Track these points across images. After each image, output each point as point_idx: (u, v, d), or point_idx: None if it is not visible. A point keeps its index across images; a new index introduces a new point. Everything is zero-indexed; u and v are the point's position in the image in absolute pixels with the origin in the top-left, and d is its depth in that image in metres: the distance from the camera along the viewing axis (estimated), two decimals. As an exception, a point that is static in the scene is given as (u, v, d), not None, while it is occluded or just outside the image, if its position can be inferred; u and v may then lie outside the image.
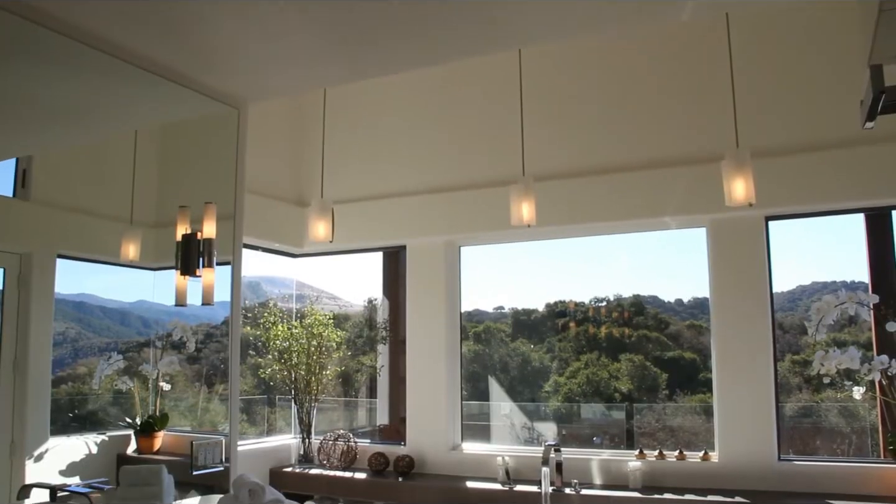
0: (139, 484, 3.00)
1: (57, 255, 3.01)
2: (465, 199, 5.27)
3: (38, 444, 2.87)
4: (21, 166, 2.85)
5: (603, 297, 5.68)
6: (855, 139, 4.22)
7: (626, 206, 4.80)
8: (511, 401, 5.79)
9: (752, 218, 4.48)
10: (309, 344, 5.60)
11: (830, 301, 4.21)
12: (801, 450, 4.69)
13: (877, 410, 4.34)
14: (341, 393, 6.22)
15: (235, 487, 2.97)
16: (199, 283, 3.41)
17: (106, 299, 3.33)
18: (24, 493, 2.74)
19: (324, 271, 6.32)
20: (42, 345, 2.92)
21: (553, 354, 5.81)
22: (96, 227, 3.24)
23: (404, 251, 5.66)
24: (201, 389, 3.82)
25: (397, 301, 5.88)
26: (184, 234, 3.37)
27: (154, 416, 3.43)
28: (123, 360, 3.34)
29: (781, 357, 4.59)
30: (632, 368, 5.52)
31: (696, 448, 4.69)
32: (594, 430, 5.47)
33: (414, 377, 5.46)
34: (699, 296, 5.39)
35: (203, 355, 3.82)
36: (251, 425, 5.87)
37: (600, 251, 5.60)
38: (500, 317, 6.05)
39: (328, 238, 4.60)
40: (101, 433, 3.23)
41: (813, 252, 4.91)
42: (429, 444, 5.31)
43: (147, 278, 3.46)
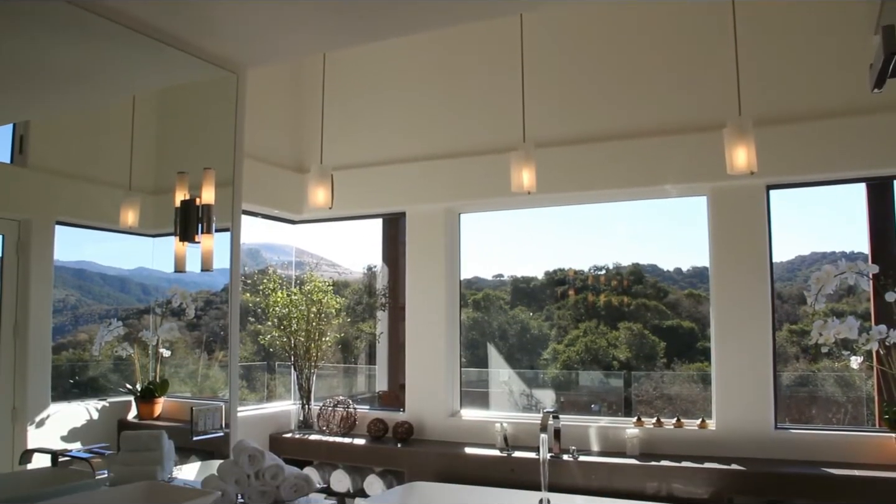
0: (140, 449, 3.01)
1: (56, 222, 2.99)
2: (465, 166, 5.25)
3: (40, 410, 2.89)
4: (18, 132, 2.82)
5: (602, 266, 5.69)
6: (858, 108, 4.20)
7: (627, 174, 4.78)
8: (510, 368, 5.82)
9: (754, 187, 4.47)
10: (308, 311, 5.61)
11: (830, 271, 4.21)
12: (797, 418, 4.72)
13: (873, 380, 4.36)
14: (341, 359, 6.25)
15: (235, 453, 2.99)
16: (198, 250, 3.40)
17: (105, 266, 3.32)
18: (26, 457, 2.75)
19: (323, 238, 6.31)
20: (42, 311, 2.92)
21: (552, 322, 5.82)
22: (95, 194, 3.22)
23: (404, 218, 5.65)
24: (201, 356, 3.83)
25: (397, 268, 5.88)
26: (182, 200, 3.36)
27: (154, 383, 3.44)
28: (123, 327, 3.34)
29: (779, 327, 4.61)
30: (630, 337, 5.54)
31: (694, 416, 4.72)
32: (592, 398, 5.50)
33: (413, 344, 5.48)
34: (698, 265, 5.40)
35: (203, 322, 3.82)
36: (251, 392, 5.90)
37: (600, 219, 5.60)
38: (500, 284, 6.06)
39: (327, 204, 4.59)
40: (102, 399, 3.24)
41: (812, 223, 4.90)
42: (428, 411, 5.34)
43: (146, 245, 3.45)
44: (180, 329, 3.65)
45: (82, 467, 2.83)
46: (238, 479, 2.91)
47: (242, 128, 3.65)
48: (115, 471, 2.91)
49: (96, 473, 2.83)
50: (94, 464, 2.82)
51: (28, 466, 2.75)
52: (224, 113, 3.60)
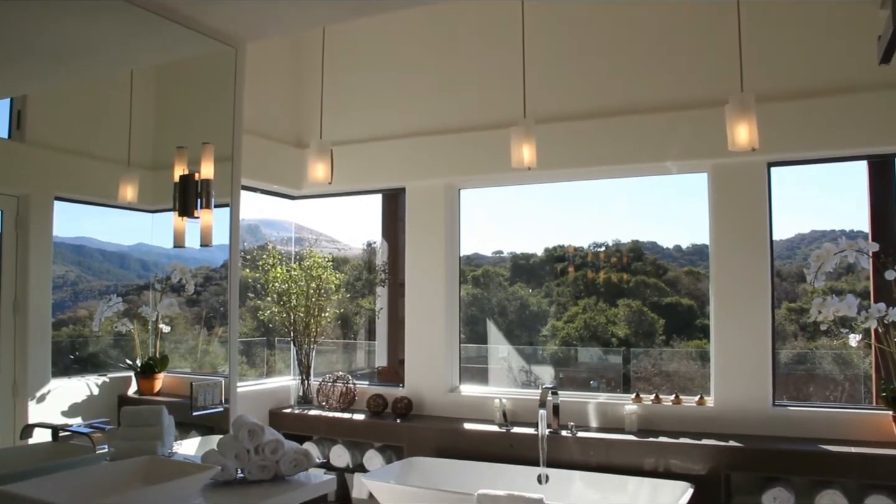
0: (140, 424, 3.02)
1: (54, 198, 2.98)
2: (466, 142, 5.23)
3: (40, 386, 2.89)
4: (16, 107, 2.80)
5: (602, 243, 5.68)
6: (861, 85, 4.18)
7: (628, 150, 4.76)
8: (509, 344, 5.83)
9: (755, 163, 4.45)
10: (308, 286, 5.61)
11: (830, 249, 4.21)
12: (795, 396, 4.74)
13: (871, 358, 4.37)
14: (340, 335, 6.26)
15: (235, 428, 2.99)
16: (198, 225, 3.39)
17: (105, 242, 3.31)
18: (27, 432, 2.76)
19: (322, 214, 6.30)
20: (42, 287, 2.91)
21: (551, 299, 5.83)
22: (93, 169, 3.20)
23: (403, 194, 5.64)
24: (201, 332, 3.83)
25: (396, 244, 5.87)
26: (181, 175, 3.34)
27: (154, 358, 3.44)
28: (123, 303, 3.34)
29: (778, 304, 4.61)
30: (629, 314, 5.54)
31: (692, 393, 4.74)
32: (591, 374, 5.52)
33: (413, 320, 5.49)
34: (698, 242, 5.39)
35: (202, 298, 3.82)
36: (251, 367, 5.91)
37: (600, 196, 5.58)
38: (499, 261, 6.05)
39: (327, 180, 4.57)
40: (102, 375, 3.24)
41: (812, 201, 4.89)
42: (427, 387, 5.36)
43: (145, 221, 3.44)
44: (180, 305, 3.65)
45: (83, 442, 2.84)
46: (238, 454, 2.91)
47: (241, 102, 3.62)
48: (116, 446, 2.92)
49: (97, 448, 2.84)
50: (94, 439, 2.83)
51: (29, 441, 2.76)
52: (223, 88, 3.58)
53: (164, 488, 2.46)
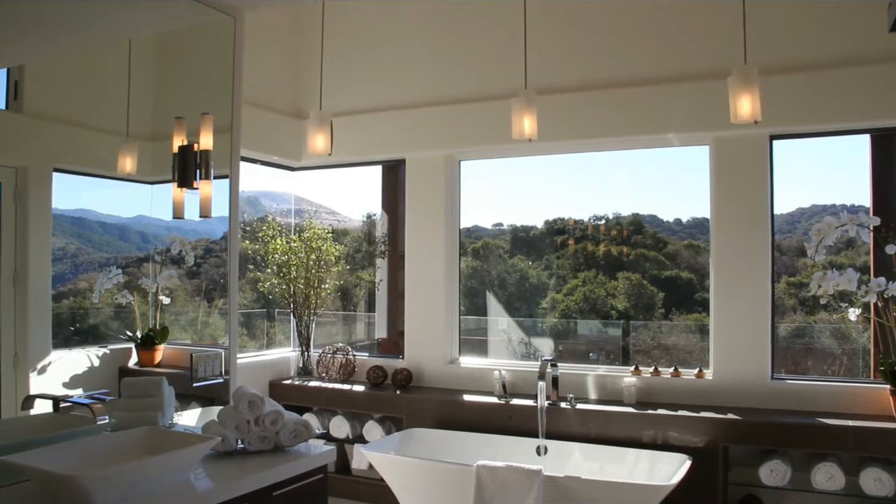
0: (140, 395, 3.03)
1: (53, 169, 2.96)
2: (466, 113, 5.20)
3: (41, 357, 2.89)
4: (13, 77, 2.77)
5: (602, 216, 5.67)
6: (865, 58, 4.15)
7: (630, 122, 4.73)
8: (508, 316, 5.84)
9: (757, 136, 4.43)
10: (308, 258, 5.60)
11: (831, 222, 4.20)
12: (793, 370, 4.75)
13: (870, 332, 4.38)
14: (340, 307, 6.27)
15: (235, 399, 3.00)
16: (197, 196, 3.38)
17: (104, 214, 3.29)
18: (28, 403, 2.77)
19: (322, 186, 6.27)
20: (41, 259, 2.90)
21: (551, 271, 5.83)
22: (92, 140, 3.18)
23: (403, 165, 5.61)
24: (201, 304, 3.83)
25: (396, 215, 5.86)
26: (180, 146, 3.32)
27: (154, 330, 3.45)
28: (123, 275, 3.33)
29: (778, 279, 4.61)
30: (629, 287, 5.55)
31: (691, 366, 4.75)
32: (590, 347, 5.54)
33: (412, 292, 5.49)
34: (698, 216, 5.38)
35: (202, 270, 3.82)
36: (251, 339, 5.92)
37: (600, 169, 5.56)
38: (499, 233, 6.05)
39: (327, 151, 4.55)
40: (103, 346, 3.25)
41: (813, 175, 4.88)
42: (426, 358, 5.38)
43: (145, 192, 3.42)
44: (180, 277, 3.65)
45: (83, 413, 2.85)
46: (238, 425, 2.93)
47: (240, 73, 3.59)
48: (117, 417, 2.94)
49: (97, 419, 2.86)
50: (95, 409, 2.84)
51: (30, 412, 2.77)
52: (222, 58, 3.55)
53: (165, 458, 2.48)
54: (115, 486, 2.28)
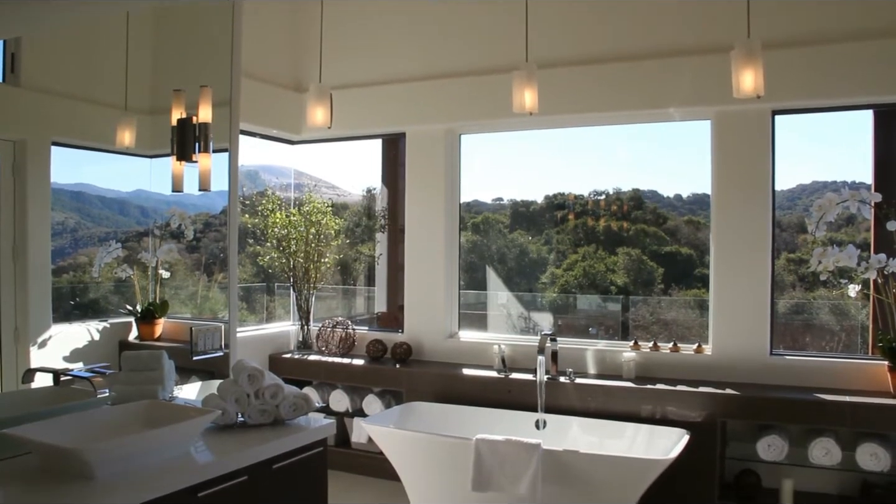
0: (140, 369, 3.04)
1: (51, 143, 2.94)
2: (467, 86, 5.17)
3: (41, 331, 2.90)
4: (9, 50, 2.75)
5: (602, 191, 5.66)
6: (869, 32, 4.12)
7: (631, 96, 4.71)
8: (508, 291, 5.85)
9: (759, 111, 4.40)
10: (307, 232, 5.60)
11: (833, 198, 4.19)
12: (792, 346, 4.77)
13: (869, 309, 4.38)
14: (340, 281, 6.27)
15: (235, 372, 3.01)
16: (196, 169, 3.37)
17: (104, 189, 3.28)
18: (29, 377, 2.78)
19: (322, 160, 6.25)
20: (41, 233, 2.90)
21: (551, 246, 5.83)
22: (90, 114, 3.16)
23: (403, 139, 5.59)
24: (201, 278, 3.83)
25: (396, 189, 5.84)
26: (179, 119, 3.31)
27: (154, 304, 3.45)
28: (123, 249, 3.33)
29: (777, 255, 4.60)
30: (628, 262, 5.55)
31: (689, 342, 4.76)
32: (590, 322, 5.55)
33: (412, 266, 5.49)
34: (698, 191, 5.37)
35: (202, 244, 3.82)
36: (251, 313, 5.93)
37: (601, 143, 5.54)
38: (499, 208, 6.04)
39: (326, 124, 4.53)
40: (103, 320, 3.25)
41: (815, 152, 4.85)
42: (426, 332, 5.39)
43: (144, 167, 3.41)
44: (179, 251, 3.64)
45: (84, 386, 2.86)
46: (238, 398, 2.94)
47: (239, 45, 3.56)
48: (117, 390, 2.94)
49: (98, 392, 2.87)
50: (95, 383, 2.85)
51: (31, 386, 2.78)
52: (221, 30, 3.52)
53: (165, 431, 2.49)
54: (115, 459, 2.29)
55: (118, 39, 3.23)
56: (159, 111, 3.36)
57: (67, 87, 3.05)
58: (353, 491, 4.86)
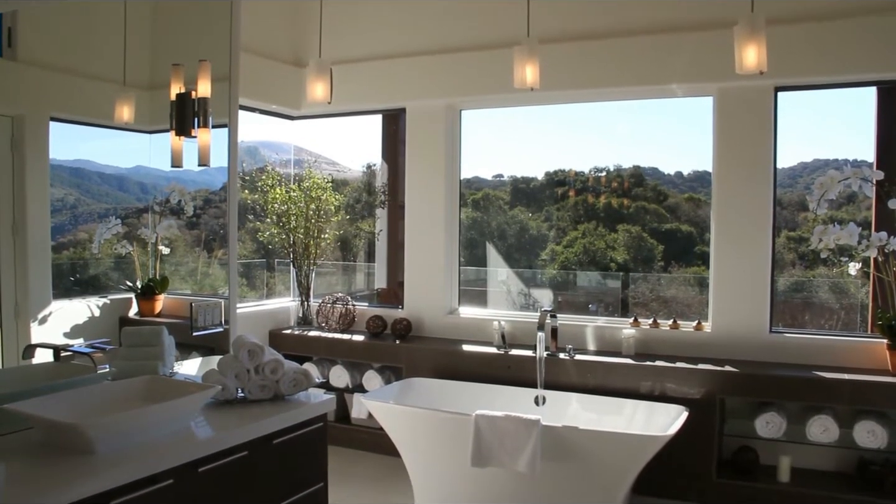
0: (140, 344, 3.04)
1: (50, 118, 2.93)
2: (468, 61, 5.13)
3: (41, 307, 2.90)
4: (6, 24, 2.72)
5: (603, 167, 5.64)
6: (874, 7, 4.08)
7: (633, 72, 4.67)
8: (508, 268, 5.85)
9: (762, 88, 4.38)
10: (307, 208, 5.58)
11: (834, 176, 4.18)
12: (791, 324, 4.78)
13: (869, 287, 4.39)
14: (340, 257, 6.27)
15: (235, 348, 3.01)
16: (195, 145, 3.35)
17: (103, 165, 3.27)
18: (29, 352, 2.78)
19: (322, 136, 6.23)
20: (40, 209, 2.89)
21: (551, 223, 5.82)
22: (88, 89, 3.14)
23: (404, 114, 5.56)
24: (201, 255, 3.83)
25: (396, 165, 5.83)
26: (178, 94, 3.29)
27: (154, 280, 3.45)
28: (122, 226, 3.32)
29: (777, 233, 4.59)
30: (628, 239, 5.54)
31: (689, 319, 4.76)
32: (589, 298, 5.55)
33: (412, 242, 5.49)
34: (699, 169, 5.35)
35: (202, 221, 3.81)
36: (251, 289, 5.94)
37: (602, 120, 5.52)
38: (499, 184, 6.02)
39: (326, 99, 4.50)
40: (103, 296, 3.25)
41: (816, 129, 4.83)
42: (426, 308, 5.40)
43: (143, 143, 3.39)
44: (179, 227, 3.64)
45: (84, 362, 2.87)
46: (238, 374, 2.94)
47: (238, 19, 3.53)
48: (117, 366, 2.95)
49: (98, 368, 2.87)
50: (95, 359, 2.85)
51: (31, 361, 2.78)
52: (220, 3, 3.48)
53: (166, 407, 2.50)
54: (116, 434, 2.30)
55: (116, 13, 3.20)
56: (158, 86, 3.34)
57: (65, 62, 3.03)
58: (353, 466, 4.89)
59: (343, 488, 4.44)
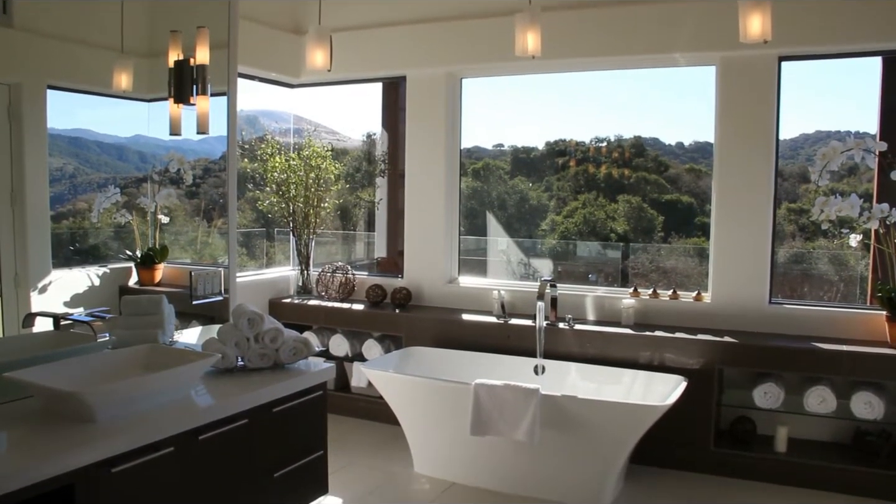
0: (140, 313, 3.05)
1: (47, 86, 2.90)
2: (469, 29, 5.08)
3: (41, 277, 2.90)
4: (1, -10, 2.69)
5: (604, 137, 5.61)
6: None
7: (636, 41, 4.63)
8: (508, 237, 5.84)
9: (766, 57, 4.34)
10: (307, 176, 5.56)
11: (837, 146, 4.15)
12: (790, 295, 4.78)
13: (869, 259, 4.38)
14: (339, 227, 6.26)
15: (235, 316, 3.02)
16: (194, 112, 3.33)
17: (102, 134, 3.25)
18: (29, 321, 2.79)
19: (322, 104, 6.18)
20: (38, 178, 2.88)
21: (551, 193, 5.80)
22: (86, 56, 3.11)
23: (404, 82, 5.52)
24: (200, 224, 3.82)
25: (396, 134, 5.80)
26: (176, 61, 3.27)
27: (154, 249, 3.44)
28: (122, 195, 3.31)
29: (778, 204, 4.58)
30: (629, 210, 5.53)
31: (688, 289, 4.76)
32: (589, 268, 5.56)
33: (412, 211, 5.47)
34: (700, 139, 5.33)
35: (202, 190, 3.80)
36: (250, 259, 5.93)
37: (603, 89, 5.47)
38: (500, 154, 6.00)
39: (326, 67, 4.47)
40: (103, 266, 3.25)
41: (818, 101, 4.79)
42: (426, 278, 5.40)
43: (142, 111, 3.37)
44: (179, 197, 3.63)
45: (84, 331, 2.87)
46: (238, 342, 2.96)
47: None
48: (117, 334, 2.96)
49: (98, 336, 2.88)
50: (95, 327, 2.86)
51: (32, 330, 2.79)
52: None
53: (166, 375, 2.51)
54: (116, 402, 2.32)
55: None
56: (156, 53, 3.32)
57: (62, 29, 3.00)
58: (353, 434, 4.92)
59: (342, 456, 4.47)
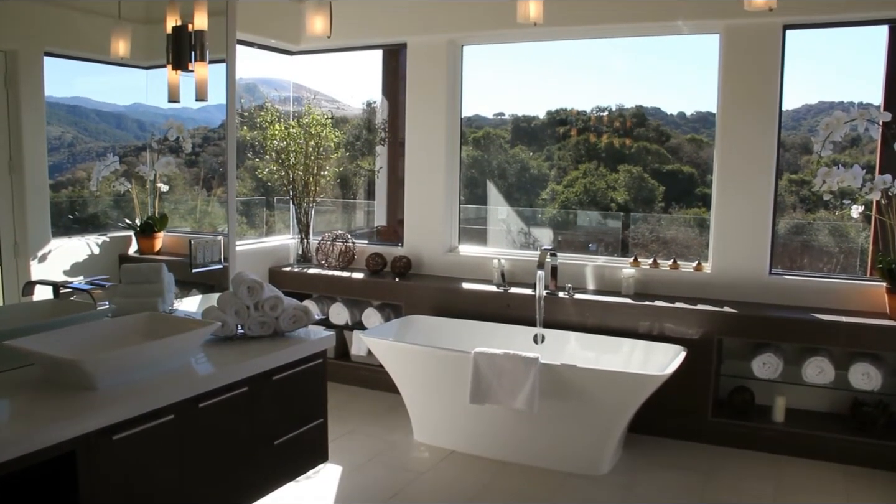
0: (140, 281, 3.05)
1: (44, 53, 2.87)
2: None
3: (41, 245, 2.89)
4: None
5: (605, 107, 5.57)
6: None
7: (639, 7, 4.57)
8: (508, 206, 5.83)
9: (770, 25, 4.29)
10: (307, 145, 5.53)
11: (841, 117, 4.12)
12: (790, 266, 4.78)
13: (870, 230, 4.37)
14: (339, 195, 6.24)
15: (234, 285, 3.02)
16: (192, 79, 3.31)
17: (100, 102, 3.23)
18: (29, 289, 2.79)
19: (321, 73, 6.13)
20: (37, 147, 2.86)
21: (552, 163, 5.78)
22: (83, 23, 3.08)
23: (404, 50, 5.47)
24: (200, 193, 3.81)
25: (397, 102, 5.76)
26: (174, 26, 3.24)
27: (154, 218, 3.44)
28: (121, 164, 3.30)
29: (780, 175, 4.56)
30: (629, 180, 5.51)
31: (688, 260, 4.76)
32: (589, 238, 5.55)
33: (412, 180, 5.45)
34: (702, 109, 5.29)
35: (201, 159, 3.78)
36: (250, 228, 5.92)
37: (605, 59, 5.43)
38: (500, 123, 5.96)
39: (326, 33, 4.42)
40: (103, 234, 3.25)
41: (821, 71, 4.75)
42: (426, 246, 5.40)
43: (140, 78, 3.34)
44: (178, 165, 3.61)
45: (84, 299, 2.88)
46: (238, 310, 2.96)
47: (235, -51, 3.47)
48: (117, 303, 2.96)
49: (98, 305, 2.88)
50: (95, 295, 2.87)
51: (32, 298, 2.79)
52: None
53: (166, 343, 2.52)
54: (116, 370, 2.32)
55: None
56: (154, 20, 3.28)
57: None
58: (353, 402, 4.95)
59: (342, 424, 4.50)
